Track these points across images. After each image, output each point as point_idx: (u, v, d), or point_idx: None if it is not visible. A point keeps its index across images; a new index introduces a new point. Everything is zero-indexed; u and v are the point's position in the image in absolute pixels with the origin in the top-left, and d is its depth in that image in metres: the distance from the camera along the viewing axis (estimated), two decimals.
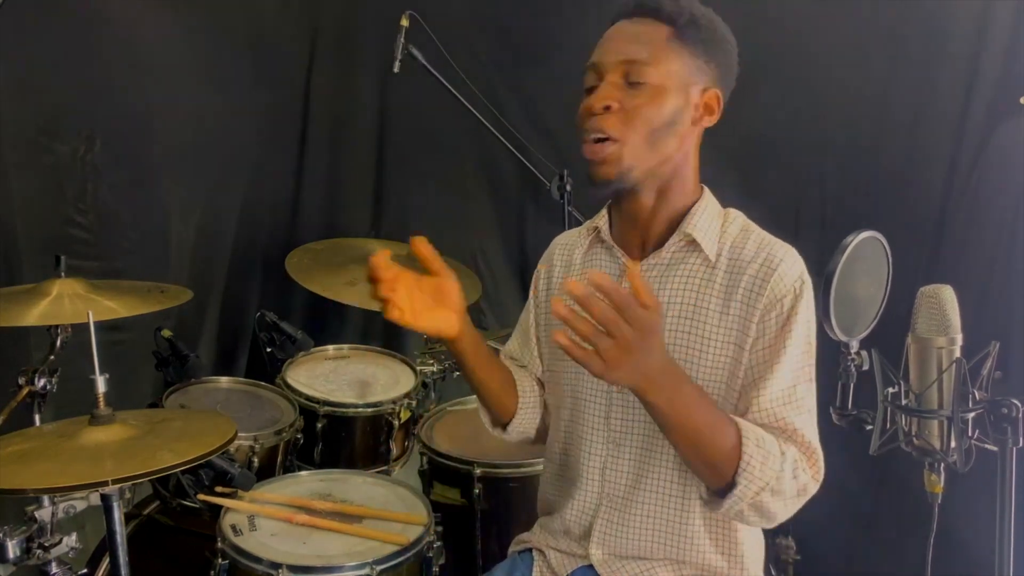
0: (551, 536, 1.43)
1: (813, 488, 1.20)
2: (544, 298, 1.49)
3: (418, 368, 2.35)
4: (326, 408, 2.15)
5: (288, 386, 2.19)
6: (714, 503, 1.20)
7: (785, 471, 1.16)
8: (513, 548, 1.51)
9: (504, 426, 1.49)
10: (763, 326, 1.23)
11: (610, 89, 1.23)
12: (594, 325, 1.01)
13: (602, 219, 1.40)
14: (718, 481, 1.18)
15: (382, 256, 1.23)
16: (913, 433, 1.33)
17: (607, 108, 1.23)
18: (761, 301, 1.23)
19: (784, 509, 1.19)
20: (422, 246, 1.26)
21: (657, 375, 1.06)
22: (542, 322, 1.50)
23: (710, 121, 1.29)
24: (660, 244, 1.31)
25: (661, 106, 1.23)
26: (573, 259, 1.44)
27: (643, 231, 1.33)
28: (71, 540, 1.36)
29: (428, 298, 1.29)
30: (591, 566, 1.35)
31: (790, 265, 1.24)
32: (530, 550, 1.46)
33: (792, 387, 1.22)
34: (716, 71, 1.28)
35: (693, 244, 1.29)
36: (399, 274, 1.24)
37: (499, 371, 1.46)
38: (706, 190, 1.34)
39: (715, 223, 1.30)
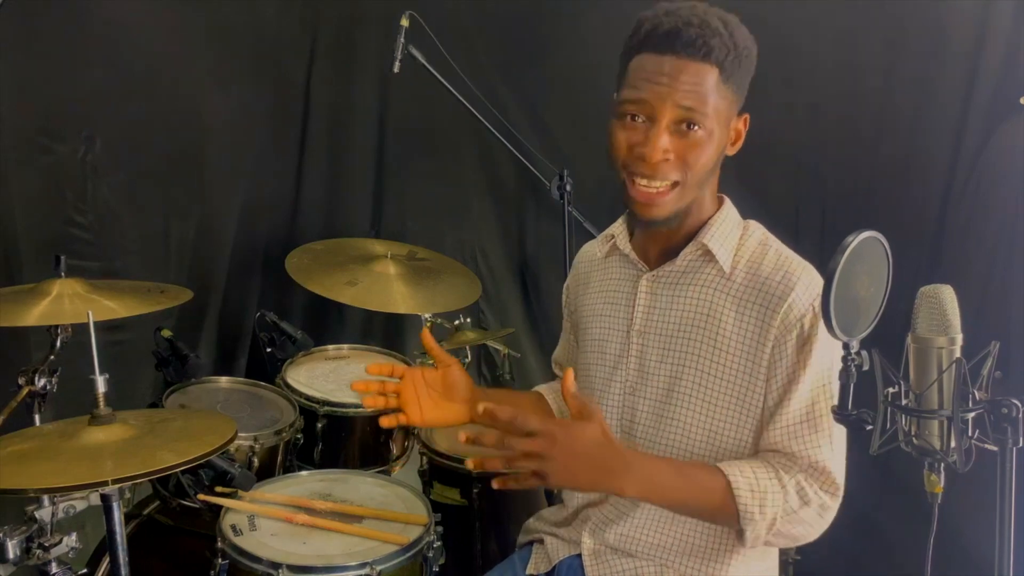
0: (551, 523, 1.45)
1: (833, 503, 1.24)
2: (574, 308, 1.52)
3: None
4: (326, 408, 2.14)
5: (288, 386, 2.19)
6: (738, 539, 1.25)
7: (790, 502, 1.20)
8: (521, 538, 1.54)
9: None
10: (783, 348, 1.23)
11: (665, 139, 1.21)
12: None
13: (619, 227, 1.41)
14: (728, 526, 1.24)
15: (376, 368, 1.40)
16: (913, 433, 1.32)
17: (665, 160, 1.22)
18: (776, 319, 1.23)
19: (810, 529, 1.24)
20: (425, 338, 1.41)
21: (606, 472, 1.13)
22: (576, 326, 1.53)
23: (737, 147, 1.30)
24: (677, 253, 1.33)
25: (713, 149, 1.24)
26: (594, 266, 1.48)
27: (663, 241, 1.34)
28: (71, 540, 1.36)
29: (436, 393, 1.41)
30: (580, 555, 1.37)
31: (807, 284, 1.23)
32: (531, 543, 1.48)
33: (811, 405, 1.23)
34: (744, 92, 1.28)
35: (708, 254, 1.30)
36: (404, 377, 1.40)
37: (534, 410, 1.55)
38: (727, 201, 1.35)
39: (733, 235, 1.31)
